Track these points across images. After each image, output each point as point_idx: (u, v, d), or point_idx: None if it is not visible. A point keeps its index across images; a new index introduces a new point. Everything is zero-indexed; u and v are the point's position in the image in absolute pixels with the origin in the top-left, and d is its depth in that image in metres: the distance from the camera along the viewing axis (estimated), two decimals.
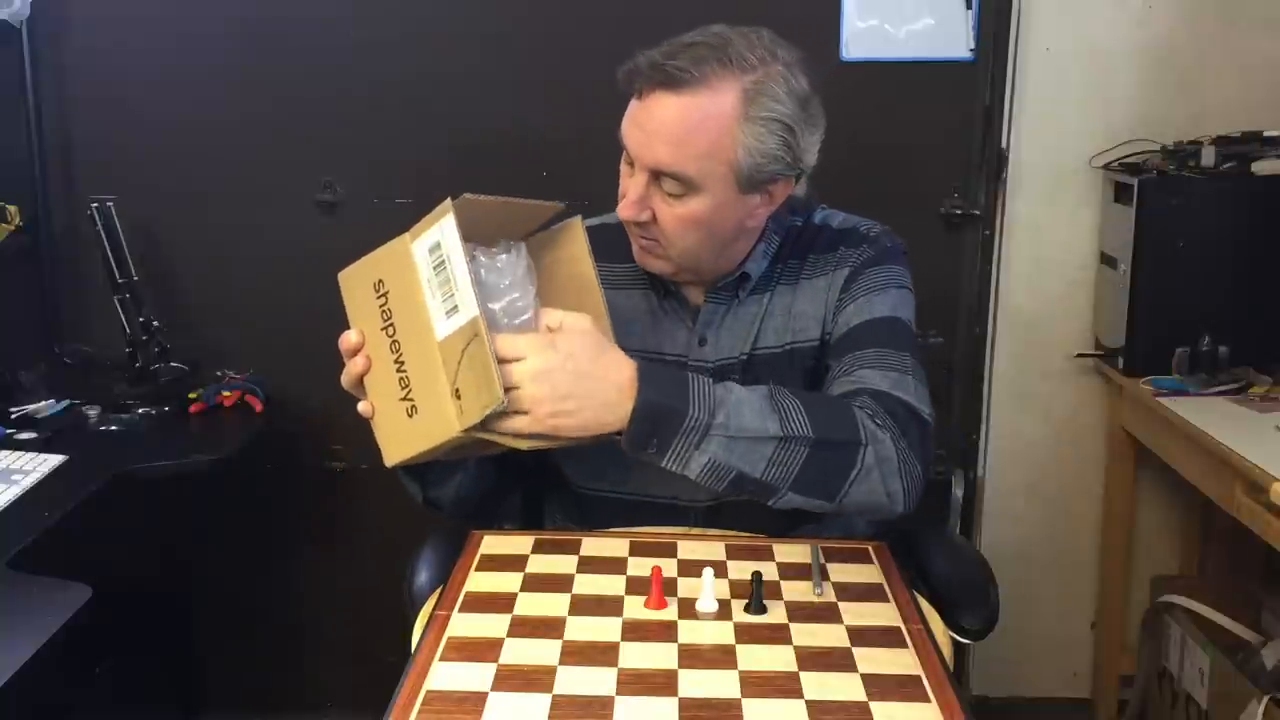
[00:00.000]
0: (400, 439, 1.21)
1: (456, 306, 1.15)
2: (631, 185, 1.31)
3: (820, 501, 1.24)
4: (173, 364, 2.26)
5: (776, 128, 1.29)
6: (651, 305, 1.45)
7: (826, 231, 1.47)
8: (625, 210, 1.32)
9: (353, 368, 1.26)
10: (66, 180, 2.35)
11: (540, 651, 1.06)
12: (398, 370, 1.21)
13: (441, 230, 1.16)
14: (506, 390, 1.13)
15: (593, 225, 1.50)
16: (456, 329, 1.15)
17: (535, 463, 1.49)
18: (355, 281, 1.27)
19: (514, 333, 1.18)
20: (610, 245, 1.46)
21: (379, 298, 1.23)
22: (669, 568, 1.23)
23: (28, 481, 1.78)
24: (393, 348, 1.21)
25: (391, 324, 1.21)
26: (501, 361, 1.14)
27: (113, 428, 2.13)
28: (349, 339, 1.26)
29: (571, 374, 1.16)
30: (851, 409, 1.26)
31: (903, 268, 1.44)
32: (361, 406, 1.26)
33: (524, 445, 1.19)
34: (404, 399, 1.20)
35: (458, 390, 1.15)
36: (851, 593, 1.19)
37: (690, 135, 1.27)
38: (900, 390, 1.30)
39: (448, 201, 1.16)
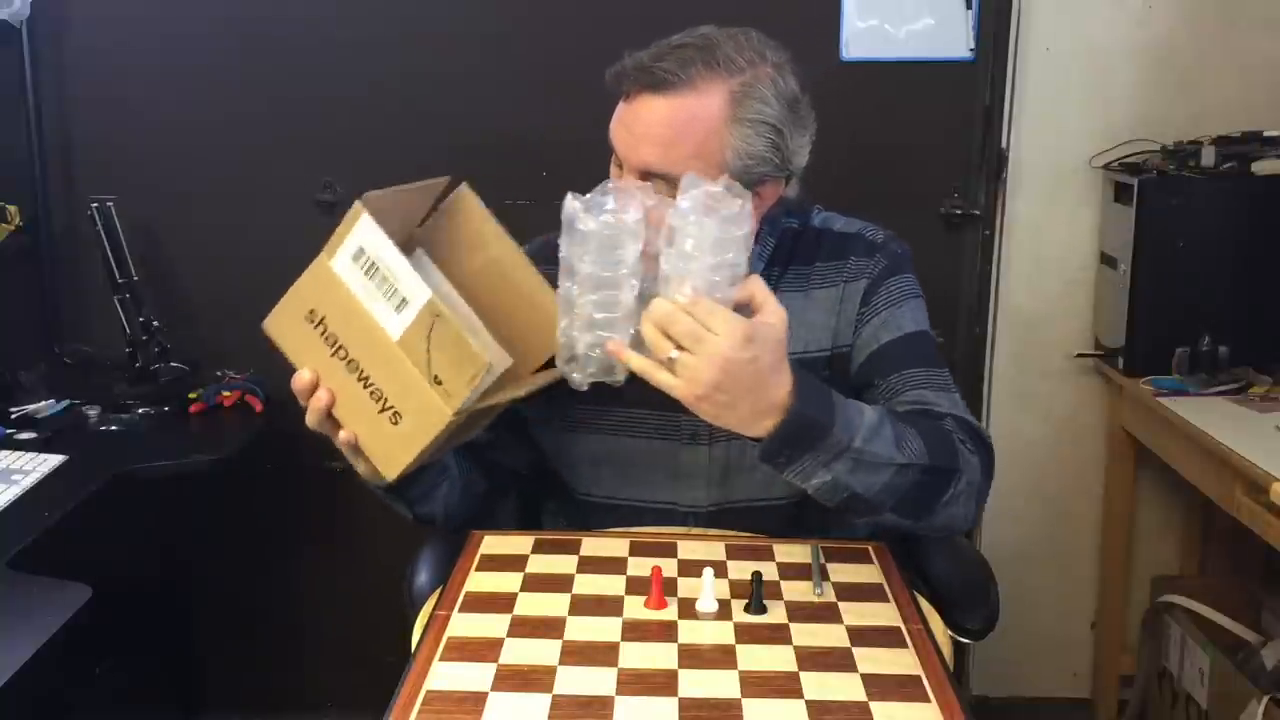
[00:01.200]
0: (394, 449, 1.19)
1: (405, 300, 1.13)
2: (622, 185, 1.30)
3: (909, 522, 1.25)
4: (173, 364, 2.26)
5: (765, 129, 1.29)
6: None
7: (829, 236, 1.45)
8: None
9: (315, 404, 1.20)
10: (66, 180, 2.35)
11: (540, 651, 1.06)
12: (365, 387, 1.18)
13: (360, 234, 1.14)
14: (678, 348, 1.09)
15: None
16: (412, 320, 1.12)
17: (532, 469, 1.49)
18: (284, 323, 1.22)
19: (719, 295, 1.11)
20: None
21: (316, 327, 1.19)
22: (669, 568, 1.23)
23: (28, 481, 1.78)
24: (350, 368, 1.18)
25: (340, 346, 1.18)
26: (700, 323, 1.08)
27: (113, 428, 2.13)
28: (302, 378, 1.20)
29: (750, 375, 1.10)
30: (952, 436, 1.27)
31: (913, 275, 1.44)
32: (342, 436, 1.21)
33: (521, 392, 1.19)
34: (383, 410, 1.17)
35: (436, 377, 1.13)
36: (851, 593, 1.19)
37: (677, 137, 1.26)
38: (962, 411, 1.33)
39: (356, 204, 1.14)
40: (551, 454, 1.46)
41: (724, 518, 1.39)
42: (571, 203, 1.15)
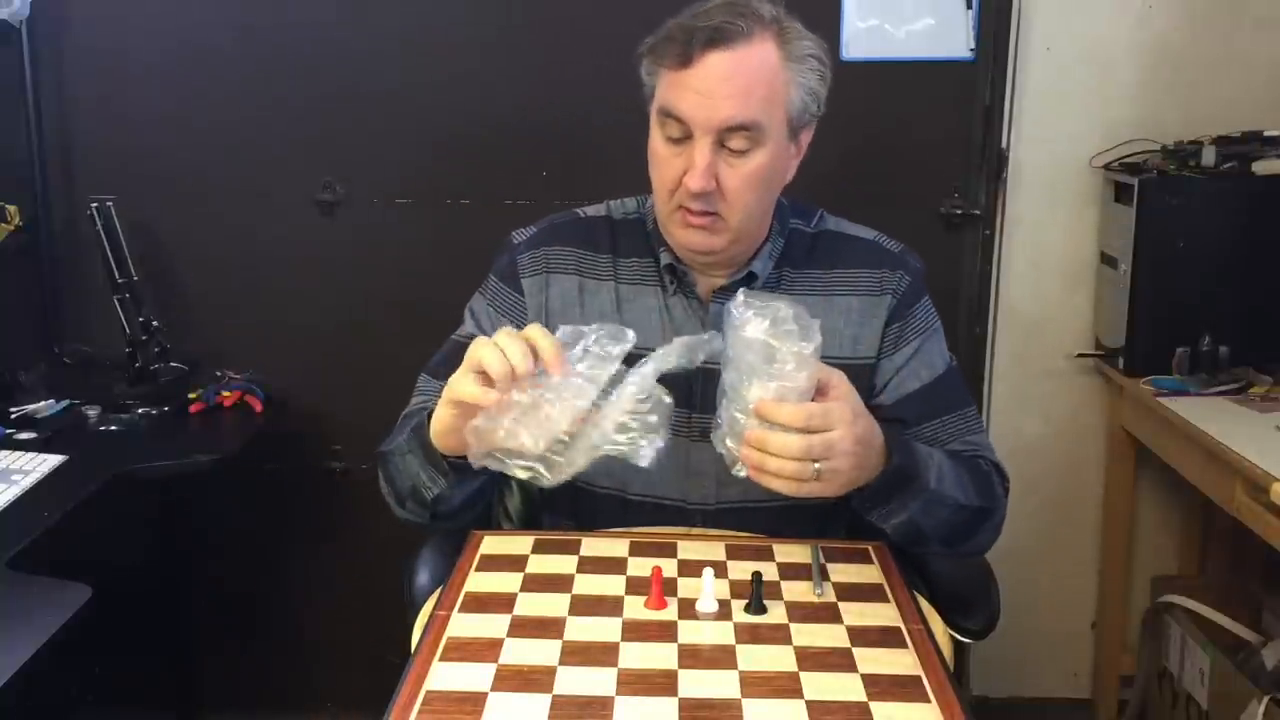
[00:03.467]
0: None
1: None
2: (698, 153, 1.29)
3: (945, 549, 1.35)
4: (173, 364, 2.27)
5: (813, 63, 1.35)
6: (661, 303, 1.44)
7: (844, 241, 1.47)
8: (698, 180, 1.29)
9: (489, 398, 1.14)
10: (66, 180, 2.35)
11: (540, 651, 1.06)
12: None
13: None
14: (816, 461, 1.14)
15: (594, 216, 1.51)
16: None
17: None
18: None
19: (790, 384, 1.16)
20: (617, 238, 1.47)
21: None
22: (669, 568, 1.23)
23: (28, 481, 1.78)
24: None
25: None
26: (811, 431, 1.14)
27: (113, 428, 2.13)
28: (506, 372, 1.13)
29: (864, 447, 1.19)
30: (991, 477, 1.39)
31: (928, 292, 1.48)
32: (494, 397, 1.14)
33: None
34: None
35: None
36: (851, 593, 1.19)
37: (753, 84, 1.29)
38: (991, 450, 1.45)
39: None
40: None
41: (731, 516, 1.39)
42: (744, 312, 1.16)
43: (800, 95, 1.33)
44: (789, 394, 1.14)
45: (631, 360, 1.17)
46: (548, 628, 1.11)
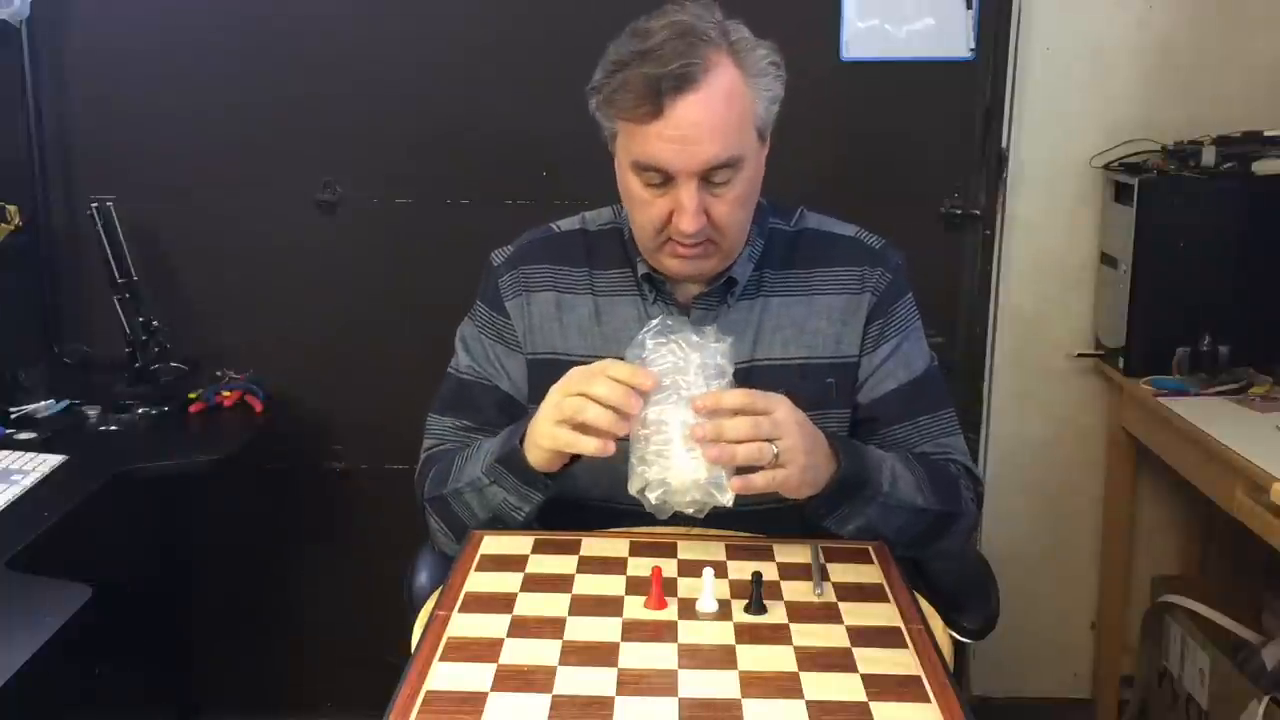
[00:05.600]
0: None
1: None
2: (686, 196, 1.28)
3: (910, 553, 1.35)
4: (173, 364, 2.27)
5: (772, 70, 1.32)
6: (640, 312, 1.43)
7: (825, 239, 1.46)
8: (692, 223, 1.28)
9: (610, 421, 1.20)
10: (66, 180, 2.35)
11: (540, 651, 1.06)
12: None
13: None
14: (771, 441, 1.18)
15: (569, 230, 1.51)
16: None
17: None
18: None
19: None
20: (597, 251, 1.47)
21: None
22: (669, 568, 1.23)
23: (28, 481, 1.78)
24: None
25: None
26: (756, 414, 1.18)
27: (112, 428, 2.13)
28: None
29: (810, 431, 1.21)
30: (958, 483, 1.38)
31: (910, 289, 1.47)
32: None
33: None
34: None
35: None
36: (851, 593, 1.19)
37: (726, 118, 1.27)
38: (963, 454, 1.43)
39: None
40: None
41: (724, 520, 1.38)
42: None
43: (765, 106, 1.32)
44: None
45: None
46: (548, 628, 1.10)
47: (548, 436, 1.24)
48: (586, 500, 1.40)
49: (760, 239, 1.43)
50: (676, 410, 1.19)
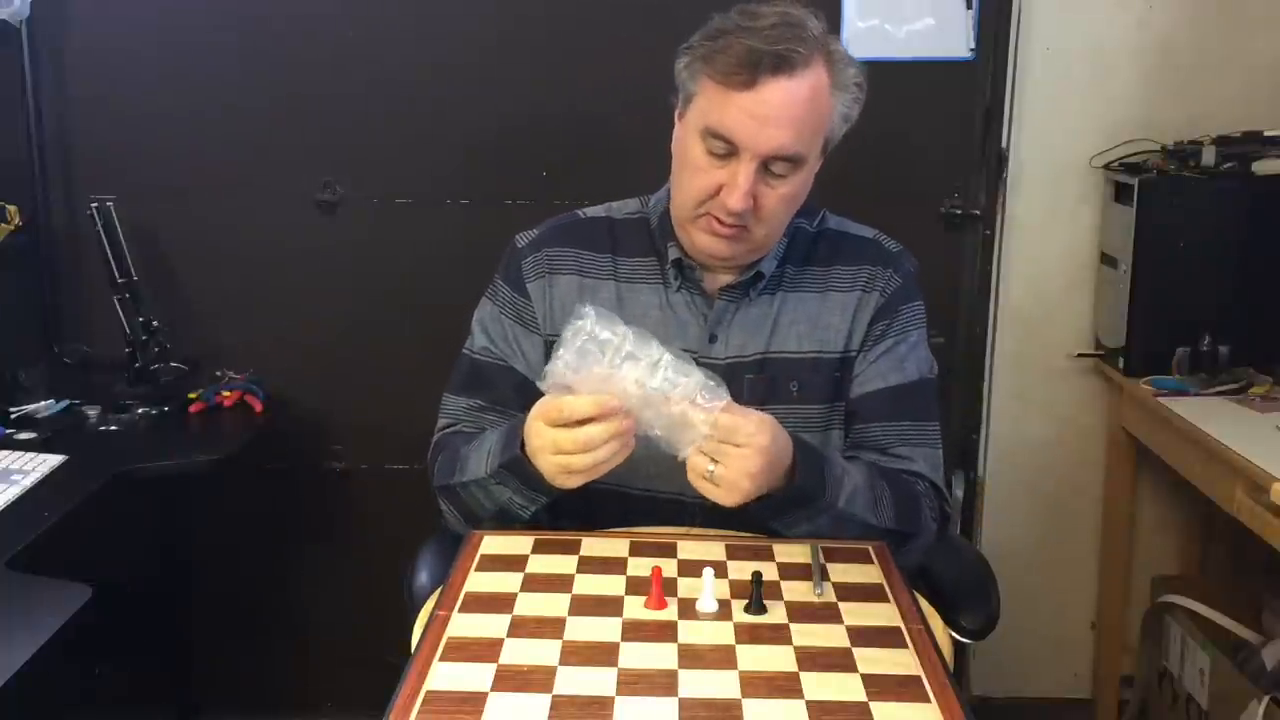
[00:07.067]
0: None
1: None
2: (743, 174, 1.31)
3: None
4: (173, 364, 2.26)
5: (855, 91, 1.36)
6: (663, 299, 1.45)
7: (846, 240, 1.49)
8: (740, 201, 1.31)
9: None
10: (66, 180, 2.35)
11: (540, 651, 1.06)
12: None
13: None
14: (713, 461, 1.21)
15: (594, 217, 1.52)
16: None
17: None
18: None
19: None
20: (621, 238, 1.48)
21: None
22: (669, 568, 1.23)
23: (28, 481, 1.78)
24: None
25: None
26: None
27: (112, 428, 2.13)
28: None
29: (768, 464, 1.22)
30: (920, 502, 1.39)
31: (921, 298, 1.49)
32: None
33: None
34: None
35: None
36: (851, 593, 1.19)
37: (805, 115, 1.30)
38: (937, 474, 1.44)
39: None
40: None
41: (724, 520, 1.38)
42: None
43: (839, 121, 1.36)
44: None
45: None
46: (548, 628, 1.10)
47: (561, 481, 1.26)
48: (596, 483, 1.41)
49: (785, 236, 1.46)
50: (634, 369, 1.20)
